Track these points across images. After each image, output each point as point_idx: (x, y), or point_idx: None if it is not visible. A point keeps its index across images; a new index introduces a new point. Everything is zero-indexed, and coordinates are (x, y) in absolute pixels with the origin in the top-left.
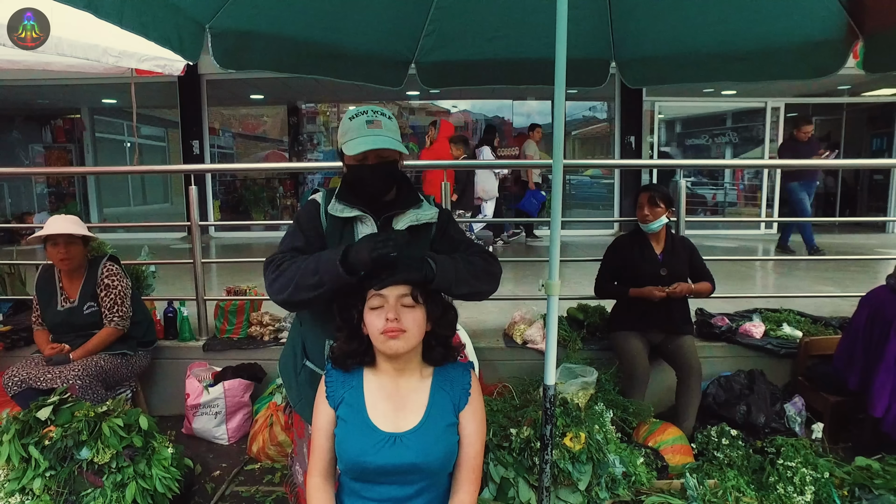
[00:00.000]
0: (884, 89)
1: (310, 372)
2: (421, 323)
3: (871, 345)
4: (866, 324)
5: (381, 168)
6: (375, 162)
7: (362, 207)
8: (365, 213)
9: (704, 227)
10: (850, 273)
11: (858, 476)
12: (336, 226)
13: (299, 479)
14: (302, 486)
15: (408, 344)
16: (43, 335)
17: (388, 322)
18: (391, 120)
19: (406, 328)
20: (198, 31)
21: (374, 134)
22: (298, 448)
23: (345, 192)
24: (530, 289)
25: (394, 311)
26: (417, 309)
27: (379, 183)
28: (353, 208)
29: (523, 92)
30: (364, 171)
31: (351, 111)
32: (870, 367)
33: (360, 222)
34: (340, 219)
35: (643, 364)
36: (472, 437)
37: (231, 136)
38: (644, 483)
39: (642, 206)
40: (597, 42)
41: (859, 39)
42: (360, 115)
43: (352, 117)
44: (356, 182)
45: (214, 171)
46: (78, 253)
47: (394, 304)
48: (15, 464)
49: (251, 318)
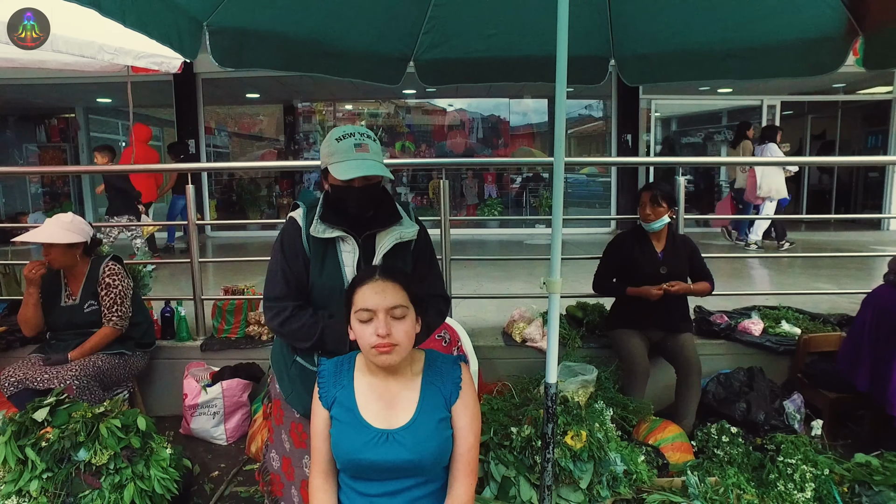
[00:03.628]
0: (879, 87)
1: (300, 368)
2: (411, 332)
3: (878, 344)
4: (871, 323)
5: (367, 191)
6: (361, 185)
7: (344, 228)
8: (347, 233)
9: (700, 224)
10: (846, 270)
11: (858, 473)
12: (318, 246)
13: (274, 465)
14: (276, 473)
15: (400, 356)
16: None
17: (378, 338)
18: (375, 142)
19: (398, 342)
20: (196, 29)
21: (363, 158)
22: (276, 435)
23: (327, 213)
24: (528, 287)
25: (384, 327)
26: (408, 318)
27: (363, 205)
28: (334, 229)
29: (520, 90)
30: (350, 193)
31: (337, 131)
32: (879, 366)
33: (342, 241)
34: (322, 239)
35: (643, 362)
36: (466, 431)
37: (227, 136)
38: (645, 481)
39: (644, 204)
40: (596, 39)
41: (859, 36)
42: (348, 136)
43: (339, 138)
44: (339, 202)
45: (211, 170)
46: (59, 255)
47: (384, 318)
48: (11, 466)
49: (249, 318)
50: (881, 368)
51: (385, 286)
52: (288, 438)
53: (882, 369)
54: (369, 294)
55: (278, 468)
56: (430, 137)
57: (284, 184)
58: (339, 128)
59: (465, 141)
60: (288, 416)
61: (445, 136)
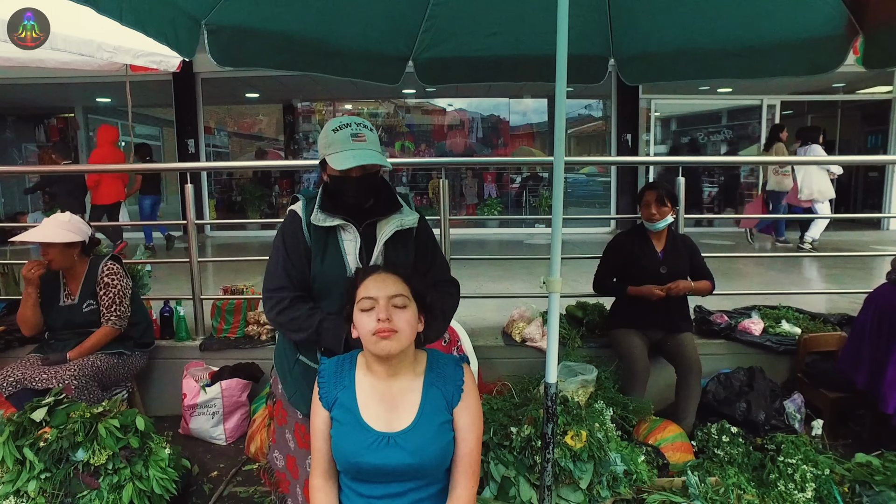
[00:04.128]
0: (879, 87)
1: (303, 366)
2: (413, 323)
3: (879, 343)
4: (873, 322)
5: (365, 180)
6: (360, 175)
7: (344, 216)
8: (347, 221)
9: (700, 223)
10: (847, 270)
11: (859, 472)
12: (319, 235)
13: (279, 464)
14: (281, 471)
15: (400, 345)
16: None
17: (379, 322)
18: (373, 132)
19: (398, 328)
20: (194, 27)
21: (360, 148)
22: (279, 435)
23: (326, 202)
24: (528, 286)
25: (385, 312)
26: (409, 309)
27: (362, 195)
28: (335, 217)
29: (520, 90)
30: (348, 183)
31: (333, 122)
32: (878, 364)
33: (342, 230)
34: (323, 228)
35: (643, 361)
36: (467, 433)
37: (226, 135)
38: (645, 481)
39: (649, 204)
40: (596, 39)
41: (859, 35)
42: (345, 127)
43: (335, 129)
44: (338, 193)
45: (210, 169)
46: (58, 254)
47: (385, 304)
48: (9, 466)
49: (248, 318)
50: (880, 367)
51: (387, 277)
52: (292, 438)
53: (880, 367)
54: (371, 284)
55: (283, 466)
56: (429, 137)
57: (284, 183)
58: (335, 119)
59: (465, 140)
60: (291, 416)
61: (445, 136)
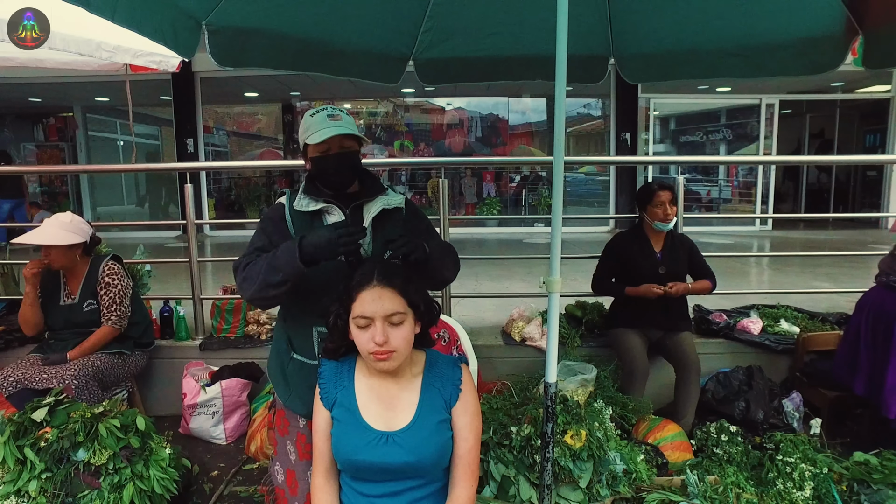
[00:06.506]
0: (877, 86)
1: (299, 364)
2: (409, 337)
3: (875, 347)
4: (866, 326)
5: (344, 157)
6: (338, 151)
7: (328, 199)
8: (331, 202)
9: (699, 223)
10: (845, 269)
11: (857, 471)
12: (303, 221)
13: (279, 479)
14: (281, 486)
15: (398, 362)
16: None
17: (376, 345)
18: (348, 116)
19: (395, 348)
20: (193, 27)
21: (336, 125)
22: (280, 447)
23: (310, 187)
24: (527, 286)
25: (381, 334)
26: (405, 324)
27: (343, 171)
28: (318, 200)
29: (519, 89)
30: (328, 161)
31: (311, 111)
32: (876, 370)
33: (327, 214)
34: (308, 213)
35: (642, 361)
36: (466, 433)
37: (225, 135)
38: (645, 480)
39: (664, 204)
40: (595, 38)
41: (858, 35)
42: (321, 111)
43: (312, 114)
44: (320, 174)
45: (209, 168)
46: (59, 255)
47: (381, 325)
48: (10, 466)
49: (248, 317)
50: (878, 372)
51: (382, 293)
52: (294, 449)
53: (879, 372)
54: (367, 301)
55: (282, 482)
56: (428, 136)
57: (283, 182)
58: (312, 108)
59: (464, 140)
60: (293, 426)
61: (444, 135)
